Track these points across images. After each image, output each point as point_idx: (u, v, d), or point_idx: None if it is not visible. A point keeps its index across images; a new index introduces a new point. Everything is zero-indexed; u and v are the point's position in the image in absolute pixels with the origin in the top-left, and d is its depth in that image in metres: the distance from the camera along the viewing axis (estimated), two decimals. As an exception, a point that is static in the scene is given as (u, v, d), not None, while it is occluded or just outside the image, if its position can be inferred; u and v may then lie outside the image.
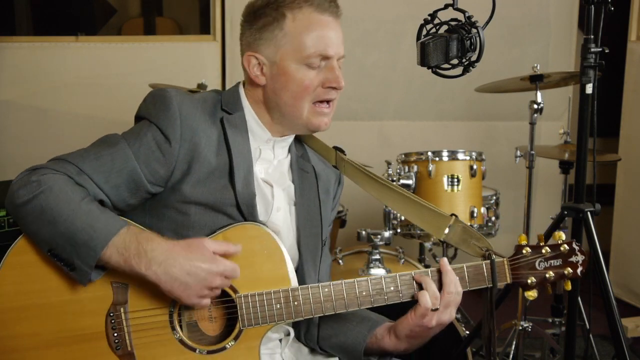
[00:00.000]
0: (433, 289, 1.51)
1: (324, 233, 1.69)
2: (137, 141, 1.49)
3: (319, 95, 1.56)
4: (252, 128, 1.61)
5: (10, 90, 3.72)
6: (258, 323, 1.48)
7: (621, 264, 3.85)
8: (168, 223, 1.51)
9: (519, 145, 2.88)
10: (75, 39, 3.80)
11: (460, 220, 1.62)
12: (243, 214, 1.52)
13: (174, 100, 1.50)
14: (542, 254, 1.58)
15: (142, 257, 1.37)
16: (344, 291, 1.50)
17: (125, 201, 1.49)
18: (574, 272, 1.59)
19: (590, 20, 2.03)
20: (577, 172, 2.15)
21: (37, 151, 3.61)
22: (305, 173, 1.69)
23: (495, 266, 1.55)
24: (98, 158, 1.46)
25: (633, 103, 3.75)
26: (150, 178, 1.48)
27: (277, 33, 1.54)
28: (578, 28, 3.97)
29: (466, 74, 1.60)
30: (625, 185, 3.83)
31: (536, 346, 3.12)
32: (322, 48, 1.53)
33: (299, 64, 1.53)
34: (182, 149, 1.49)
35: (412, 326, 1.53)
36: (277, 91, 1.56)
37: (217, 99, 1.61)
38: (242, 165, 1.54)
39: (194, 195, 1.49)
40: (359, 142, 3.91)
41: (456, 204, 2.84)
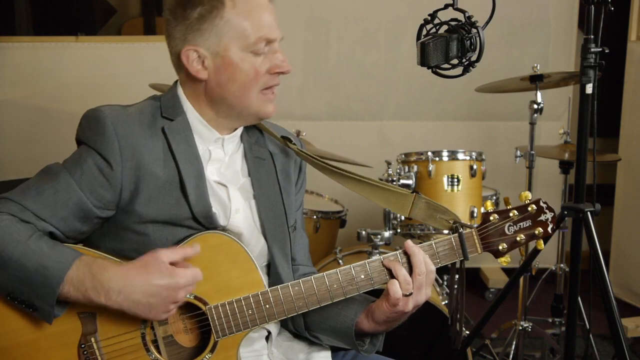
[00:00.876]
0: (403, 274, 1.48)
1: (289, 219, 1.64)
2: (78, 169, 1.43)
3: (266, 82, 1.51)
4: (197, 130, 1.54)
5: (10, 90, 3.72)
6: (232, 332, 1.45)
7: (621, 264, 3.85)
8: (130, 244, 1.47)
9: (519, 145, 2.88)
10: (75, 39, 3.79)
11: (422, 196, 1.60)
12: (202, 224, 1.49)
13: (107, 120, 1.44)
14: (510, 217, 1.55)
15: (100, 289, 1.34)
16: (315, 287, 1.48)
17: (77, 230, 1.46)
18: (544, 231, 1.55)
19: (590, 20, 2.03)
20: (577, 172, 2.15)
21: (37, 151, 3.61)
22: (261, 160, 1.63)
23: (464, 238, 1.52)
24: (40, 193, 1.41)
25: (633, 103, 3.75)
26: (98, 204, 1.44)
27: (217, 22, 1.46)
28: (578, 28, 3.97)
29: (466, 74, 1.60)
30: (625, 185, 3.83)
31: (536, 346, 3.12)
32: (265, 31, 1.47)
33: (244, 51, 1.47)
34: (125, 170, 1.43)
35: (388, 313, 1.51)
36: (223, 84, 1.50)
37: (156, 107, 1.53)
38: (192, 174, 1.49)
39: (149, 214, 1.45)
40: (359, 142, 3.91)
41: (456, 204, 2.84)
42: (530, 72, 2.76)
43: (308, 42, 3.88)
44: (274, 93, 1.54)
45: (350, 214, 3.14)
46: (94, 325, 1.41)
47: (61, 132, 3.69)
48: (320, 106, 3.91)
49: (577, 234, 2.16)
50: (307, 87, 3.89)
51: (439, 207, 1.59)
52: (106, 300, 1.34)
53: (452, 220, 1.57)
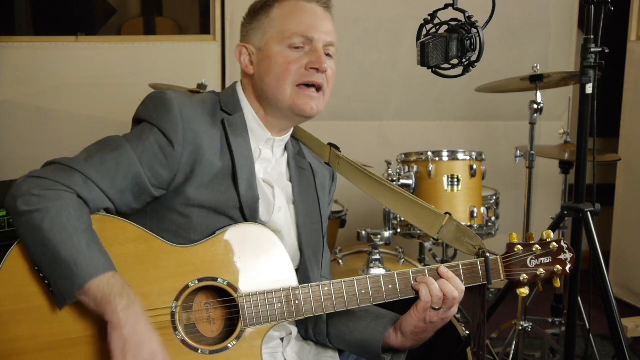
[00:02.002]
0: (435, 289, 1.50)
1: (324, 230, 1.70)
2: (140, 144, 1.47)
3: (301, 76, 1.55)
4: (252, 128, 1.61)
5: (10, 90, 3.72)
6: (260, 322, 1.48)
7: (621, 264, 3.85)
8: (169, 225, 1.50)
9: (519, 145, 2.88)
10: (75, 39, 3.80)
11: (454, 219, 1.62)
12: (245, 216, 1.52)
13: (175, 103, 1.49)
14: (533, 252, 1.60)
15: (125, 298, 1.35)
16: (344, 290, 1.51)
17: (129, 205, 1.49)
18: (563, 270, 1.62)
19: (590, 20, 2.03)
20: (577, 172, 2.15)
21: (37, 151, 3.62)
22: (302, 170, 1.69)
23: (489, 264, 1.56)
24: (103, 163, 1.44)
25: (633, 103, 3.75)
26: (154, 182, 1.47)
27: (263, 21, 1.58)
28: (578, 28, 3.97)
29: (466, 74, 1.60)
30: (625, 185, 3.83)
31: (536, 346, 3.12)
32: (303, 29, 1.55)
33: (281, 45, 1.55)
34: (185, 152, 1.48)
35: (416, 322, 1.53)
36: (263, 76, 1.57)
37: (216, 100, 1.61)
38: (244, 167, 1.54)
39: (198, 199, 1.49)
40: (359, 142, 3.91)
41: (456, 204, 2.84)
42: (530, 72, 2.76)
43: (308, 42, 3.88)
44: (315, 91, 1.57)
45: (350, 214, 3.14)
46: None
47: (61, 132, 3.70)
48: (320, 106, 3.90)
49: (577, 234, 2.16)
50: (307, 87, 3.88)
51: (468, 232, 1.61)
52: (124, 308, 1.34)
53: (478, 246, 1.60)
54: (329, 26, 1.59)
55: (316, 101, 1.57)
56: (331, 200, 1.81)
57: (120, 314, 1.34)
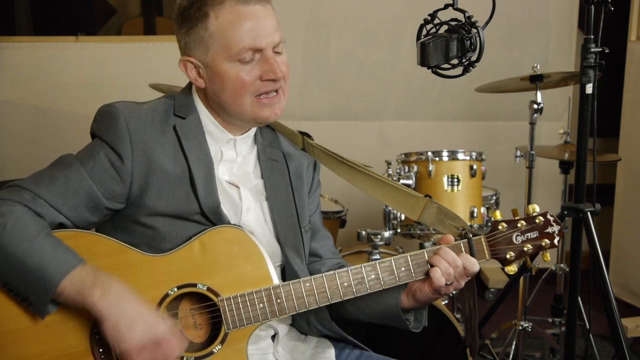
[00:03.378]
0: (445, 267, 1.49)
1: (302, 220, 1.65)
2: (90, 160, 1.47)
3: (258, 89, 1.51)
4: (209, 130, 1.57)
5: (11, 90, 3.72)
6: (243, 324, 1.47)
7: (621, 264, 3.85)
8: (140, 238, 1.49)
9: (519, 145, 2.88)
10: (75, 39, 3.79)
11: (434, 201, 1.60)
12: (211, 220, 1.51)
13: (121, 115, 1.47)
14: (518, 228, 1.56)
15: (98, 287, 1.35)
16: (325, 284, 1.49)
17: (86, 220, 1.48)
18: (551, 243, 1.57)
19: (590, 20, 2.03)
20: (577, 172, 2.15)
21: (38, 151, 3.61)
22: (274, 162, 1.65)
23: (473, 244, 1.53)
24: (52, 181, 1.44)
25: (633, 103, 3.75)
26: (108, 196, 1.47)
27: (202, 34, 1.49)
28: (578, 28, 3.97)
29: (466, 74, 1.60)
30: (625, 185, 3.83)
31: (536, 346, 3.12)
32: (250, 42, 1.47)
33: (231, 62, 1.48)
34: (135, 165, 1.47)
35: (430, 295, 1.53)
36: (218, 93, 1.52)
37: (169, 105, 1.57)
38: (201, 170, 1.51)
39: (158, 208, 1.48)
40: (359, 142, 3.91)
41: (456, 204, 2.84)
42: (530, 72, 2.76)
43: (308, 42, 3.88)
44: (274, 97, 1.54)
45: (350, 214, 3.14)
46: None
47: (61, 132, 3.70)
48: (320, 106, 3.91)
49: (577, 234, 2.16)
50: (307, 87, 3.89)
51: (450, 214, 1.59)
52: (99, 299, 1.34)
53: (461, 227, 1.58)
54: (272, 23, 1.50)
55: (277, 105, 1.55)
56: (317, 187, 1.77)
57: (99, 305, 1.34)
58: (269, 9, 1.52)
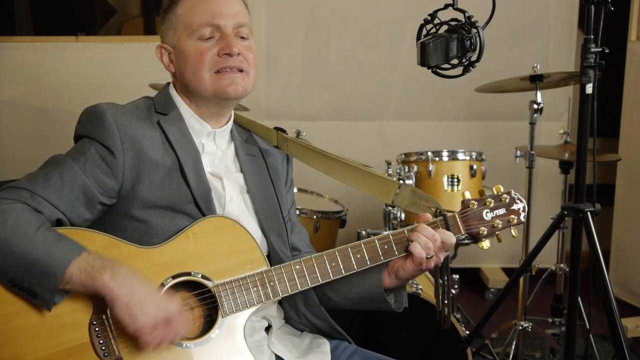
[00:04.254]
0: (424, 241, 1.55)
1: (283, 211, 1.71)
2: (81, 157, 1.50)
3: (216, 64, 1.57)
4: (190, 123, 1.63)
5: (11, 90, 3.72)
6: (239, 309, 1.50)
7: (621, 264, 3.85)
8: (131, 234, 1.51)
9: (519, 145, 2.88)
10: (75, 39, 3.80)
11: (408, 184, 1.68)
12: (201, 209, 1.55)
13: (107, 113, 1.52)
14: (486, 205, 1.66)
15: (107, 269, 1.36)
16: (315, 265, 1.55)
17: (82, 216, 1.50)
18: (517, 219, 1.68)
19: (590, 20, 2.03)
20: (577, 172, 2.15)
21: (38, 151, 3.61)
22: (252, 157, 1.71)
23: (448, 219, 1.61)
24: (47, 179, 1.47)
25: (633, 103, 3.75)
26: (101, 190, 1.50)
27: (172, 18, 1.60)
28: (578, 28, 3.97)
29: (466, 74, 1.61)
30: (625, 185, 3.83)
31: (536, 346, 3.12)
32: (208, 18, 1.56)
33: (191, 39, 1.57)
34: (126, 158, 1.51)
35: (413, 272, 1.60)
36: (182, 72, 1.60)
37: (150, 104, 1.63)
38: (190, 160, 1.57)
39: (151, 199, 1.52)
40: (359, 142, 3.91)
41: (456, 204, 2.82)
42: (530, 72, 2.76)
43: (308, 42, 3.88)
44: (232, 73, 1.58)
45: (350, 214, 3.14)
46: (105, 303, 1.41)
47: (61, 132, 3.68)
48: (320, 106, 3.91)
49: (577, 234, 2.16)
50: (307, 87, 3.89)
51: (424, 195, 1.67)
52: (109, 280, 1.35)
53: (435, 207, 1.65)
54: (236, 8, 1.60)
55: (240, 80, 1.58)
56: (291, 182, 1.83)
57: (110, 284, 1.36)
58: None
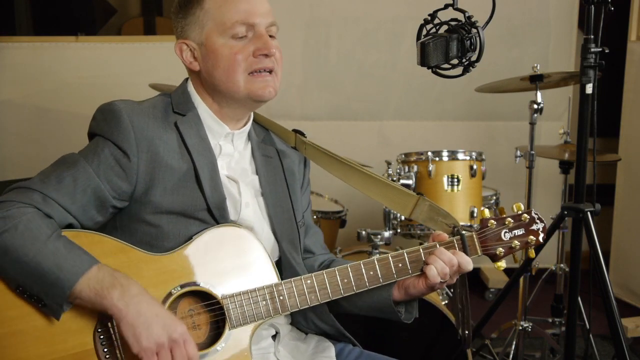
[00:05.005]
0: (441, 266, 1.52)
1: (297, 215, 1.68)
2: (95, 159, 1.47)
3: (251, 65, 1.52)
4: (208, 125, 1.59)
5: (10, 90, 3.72)
6: (247, 322, 1.47)
7: (621, 264, 3.85)
8: (141, 236, 1.49)
9: (519, 145, 2.88)
10: (75, 39, 3.79)
11: (426, 199, 1.64)
12: (214, 217, 1.51)
13: (123, 113, 1.48)
14: (505, 225, 1.62)
15: (117, 288, 1.34)
16: (326, 281, 1.51)
17: (93, 219, 1.48)
18: (536, 240, 1.64)
19: (590, 20, 2.03)
20: (577, 172, 2.15)
21: (37, 151, 3.62)
22: (269, 158, 1.67)
23: (466, 241, 1.58)
24: (60, 181, 1.44)
25: (633, 103, 3.75)
26: (114, 194, 1.47)
27: (198, 14, 1.53)
28: (578, 28, 3.97)
29: (466, 74, 1.60)
30: (625, 185, 3.83)
31: (536, 346, 3.12)
32: (243, 16, 1.51)
33: (224, 37, 1.51)
34: (141, 162, 1.47)
35: (424, 291, 1.57)
36: (211, 71, 1.54)
37: (167, 102, 1.58)
38: (206, 166, 1.53)
39: (164, 205, 1.48)
40: (359, 142, 3.91)
41: (456, 204, 2.84)
42: (530, 72, 2.76)
43: (308, 42, 3.88)
44: (265, 75, 1.55)
45: (350, 214, 3.14)
46: None
47: (61, 132, 3.70)
48: (320, 106, 3.91)
49: (577, 234, 2.16)
50: (307, 87, 3.89)
51: (441, 211, 1.62)
52: (118, 299, 1.34)
53: (452, 225, 1.61)
54: (266, 6, 1.55)
55: (271, 82, 1.55)
56: (307, 185, 1.79)
57: (118, 304, 1.34)
58: None
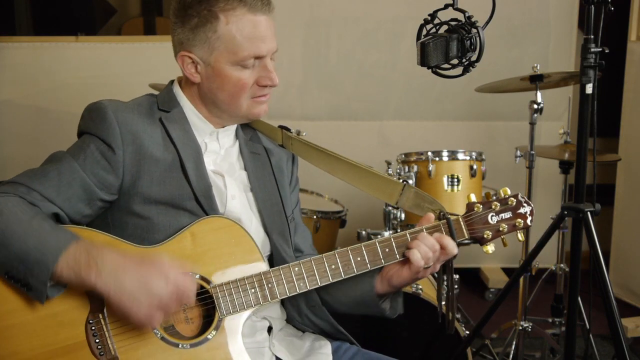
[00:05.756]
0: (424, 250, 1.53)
1: (287, 210, 1.70)
2: (81, 153, 1.51)
3: (254, 92, 1.60)
4: (193, 122, 1.63)
5: (10, 90, 3.72)
6: (236, 310, 1.50)
7: (621, 264, 3.85)
8: (132, 230, 1.52)
9: (519, 145, 2.88)
10: (75, 39, 3.80)
11: (411, 186, 1.67)
12: (202, 206, 1.54)
13: (108, 109, 1.53)
14: (492, 209, 1.63)
15: (92, 267, 1.34)
16: (314, 267, 1.54)
17: (81, 213, 1.50)
18: (524, 223, 1.64)
19: (590, 20, 2.03)
20: (577, 172, 2.15)
21: (37, 151, 3.58)
22: (256, 155, 1.71)
23: (452, 224, 1.59)
24: (45, 174, 1.48)
25: (633, 103, 3.75)
26: (101, 186, 1.50)
27: (210, 35, 1.55)
28: (578, 28, 3.97)
29: (466, 74, 1.61)
30: (625, 185, 3.83)
31: (536, 346, 3.12)
32: (255, 50, 1.55)
33: (233, 65, 1.56)
34: (126, 154, 1.51)
35: (408, 279, 1.59)
36: (214, 90, 1.60)
37: (153, 101, 1.63)
38: (190, 157, 1.57)
39: (152, 195, 1.52)
40: (359, 142, 3.91)
41: (456, 204, 2.84)
42: (530, 72, 2.76)
43: (308, 42, 3.88)
44: (264, 96, 1.63)
45: (350, 214, 3.14)
46: (101, 302, 1.41)
47: (61, 132, 3.69)
48: (320, 106, 3.91)
49: (577, 234, 2.15)
50: (307, 87, 3.89)
51: (427, 197, 1.65)
52: (96, 278, 1.34)
53: (438, 210, 1.63)
54: (272, 32, 1.59)
55: (266, 103, 1.64)
56: (296, 182, 1.82)
57: (98, 285, 1.35)
58: (271, 18, 1.60)
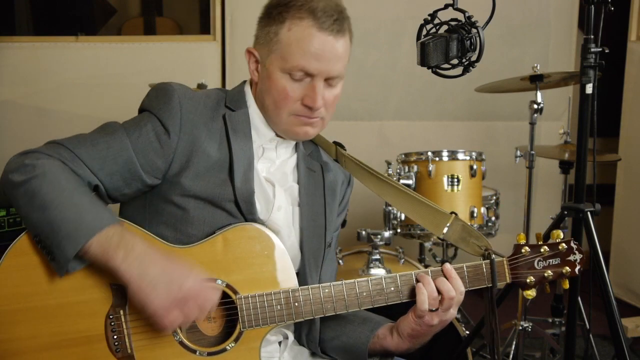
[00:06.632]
0: (431, 290, 1.49)
1: (327, 235, 1.66)
2: (136, 131, 1.49)
3: (296, 110, 1.54)
4: (256, 126, 1.60)
5: (10, 90, 3.72)
6: (259, 324, 1.46)
7: (621, 264, 3.85)
8: (167, 217, 1.50)
9: (519, 145, 2.88)
10: (75, 39, 3.80)
11: (459, 219, 1.61)
12: (241, 210, 1.51)
13: (175, 94, 1.51)
14: (540, 253, 1.57)
15: (121, 249, 1.34)
16: (344, 291, 1.49)
17: (119, 190, 1.48)
18: (572, 271, 1.58)
19: (590, 20, 2.03)
20: (577, 172, 2.14)
21: (37, 151, 3.61)
22: (312, 172, 1.67)
23: (495, 266, 1.54)
24: (94, 145, 1.45)
25: (633, 103, 3.75)
26: (147, 168, 1.48)
27: (272, 37, 1.53)
28: (578, 28, 3.97)
29: (466, 74, 1.60)
30: (625, 185, 3.83)
31: (536, 346, 3.12)
32: (305, 63, 1.50)
33: (282, 72, 1.52)
34: (181, 142, 1.49)
35: (413, 325, 1.52)
36: (264, 92, 1.57)
37: (222, 96, 1.61)
38: (242, 161, 1.53)
39: (193, 189, 1.49)
40: (359, 142, 3.90)
41: (456, 204, 2.84)
42: (530, 72, 2.76)
43: (308, 42, 3.87)
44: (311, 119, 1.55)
45: (350, 214, 3.12)
46: (124, 298, 1.41)
47: (61, 132, 3.67)
48: (320, 106, 3.90)
49: (577, 234, 2.15)
50: (307, 87, 3.88)
51: (474, 232, 1.60)
52: (122, 261, 1.33)
53: (484, 247, 1.58)
54: (335, 56, 1.53)
55: (313, 125, 1.57)
56: (344, 208, 1.78)
57: (121, 267, 1.33)
58: (340, 43, 1.55)
